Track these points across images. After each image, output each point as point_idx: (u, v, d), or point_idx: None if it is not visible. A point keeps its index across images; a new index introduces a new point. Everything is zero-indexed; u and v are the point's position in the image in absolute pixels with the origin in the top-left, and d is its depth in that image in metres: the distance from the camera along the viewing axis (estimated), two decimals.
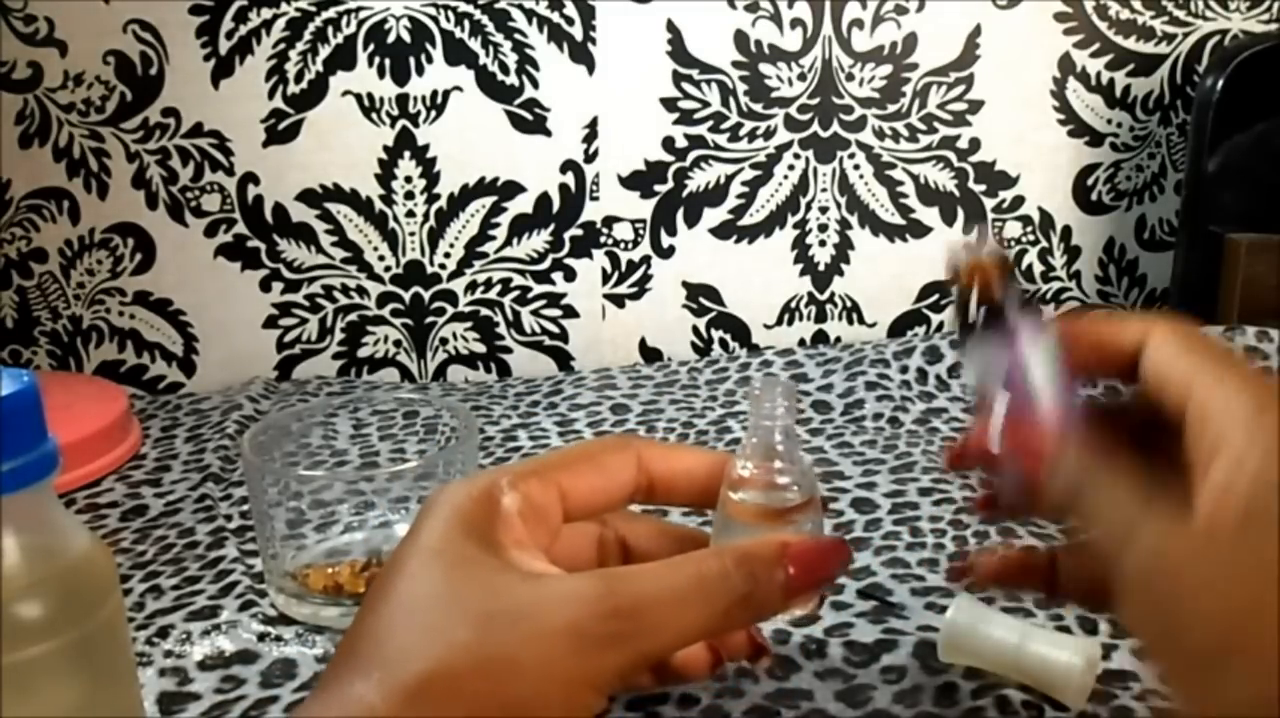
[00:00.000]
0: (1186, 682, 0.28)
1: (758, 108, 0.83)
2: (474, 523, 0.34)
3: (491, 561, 0.33)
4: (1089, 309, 0.86)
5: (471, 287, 0.84)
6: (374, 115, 0.79)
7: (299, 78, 0.78)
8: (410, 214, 0.82)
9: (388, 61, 0.78)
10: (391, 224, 0.82)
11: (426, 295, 0.84)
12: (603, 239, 0.84)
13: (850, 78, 0.84)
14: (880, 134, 0.86)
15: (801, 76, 0.83)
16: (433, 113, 0.80)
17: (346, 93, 0.79)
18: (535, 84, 0.80)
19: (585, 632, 0.31)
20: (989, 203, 0.89)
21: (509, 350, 0.86)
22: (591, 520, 0.40)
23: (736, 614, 0.33)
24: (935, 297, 0.90)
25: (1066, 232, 0.91)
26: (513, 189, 0.82)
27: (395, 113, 0.79)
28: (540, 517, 0.36)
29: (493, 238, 0.83)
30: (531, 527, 0.36)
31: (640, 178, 0.83)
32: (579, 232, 0.84)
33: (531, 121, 0.81)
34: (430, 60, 0.79)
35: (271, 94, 0.78)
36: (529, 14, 0.79)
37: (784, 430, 0.37)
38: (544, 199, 0.83)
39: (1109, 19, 0.86)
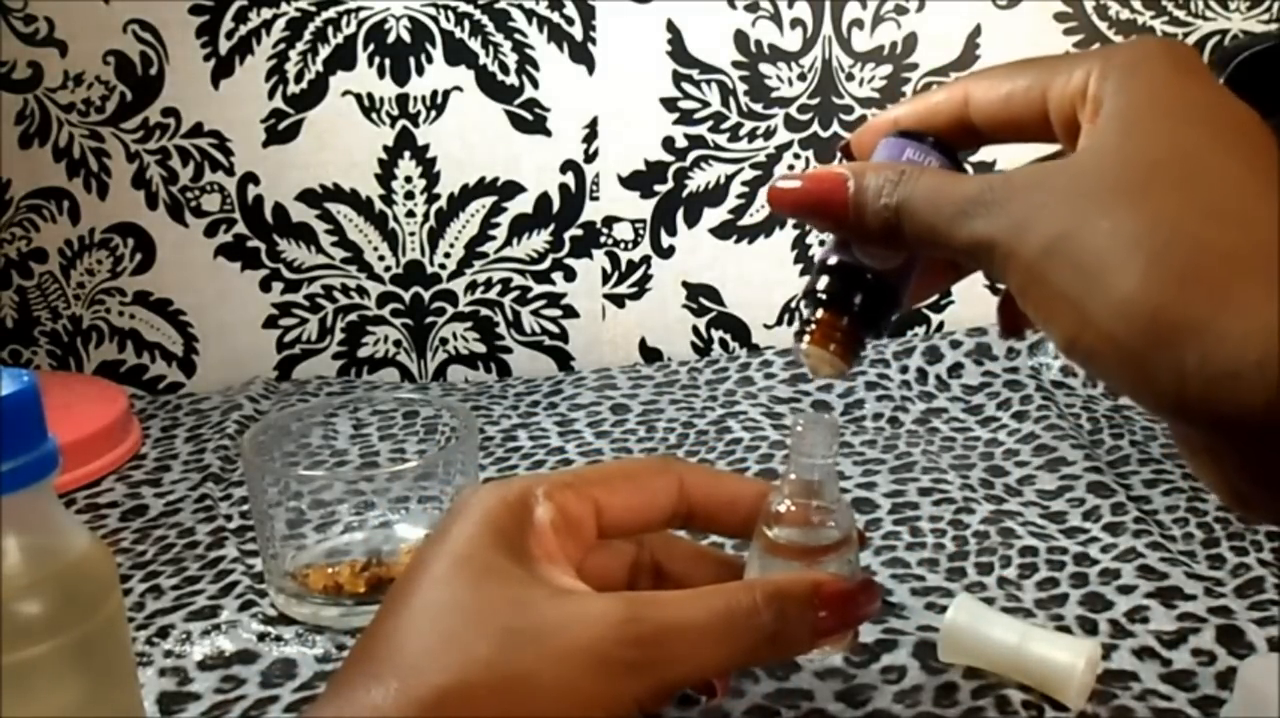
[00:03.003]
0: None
1: (758, 108, 0.83)
2: (505, 531, 0.34)
3: (519, 573, 0.33)
4: None
5: (471, 287, 0.84)
6: (374, 115, 0.79)
7: (299, 78, 0.78)
8: (410, 214, 0.82)
9: (388, 61, 0.78)
10: (391, 224, 0.82)
11: (426, 295, 0.84)
12: (603, 239, 0.84)
13: (850, 78, 0.84)
14: None
15: (801, 76, 0.83)
16: (433, 113, 0.80)
17: (346, 93, 0.79)
18: (535, 84, 0.80)
19: (607, 656, 0.31)
20: None
21: (509, 350, 0.86)
22: (626, 539, 0.40)
23: (761, 652, 0.33)
24: (934, 297, 0.90)
25: None
26: (513, 189, 0.82)
27: (395, 113, 0.79)
28: (573, 530, 0.36)
29: (493, 238, 0.83)
30: (563, 540, 0.35)
31: (640, 178, 0.83)
32: (579, 232, 0.84)
33: (531, 121, 0.81)
34: (430, 60, 0.79)
35: (271, 94, 0.78)
36: (529, 14, 0.79)
37: (824, 469, 0.37)
38: (544, 199, 0.83)
39: (1109, 19, 0.86)
